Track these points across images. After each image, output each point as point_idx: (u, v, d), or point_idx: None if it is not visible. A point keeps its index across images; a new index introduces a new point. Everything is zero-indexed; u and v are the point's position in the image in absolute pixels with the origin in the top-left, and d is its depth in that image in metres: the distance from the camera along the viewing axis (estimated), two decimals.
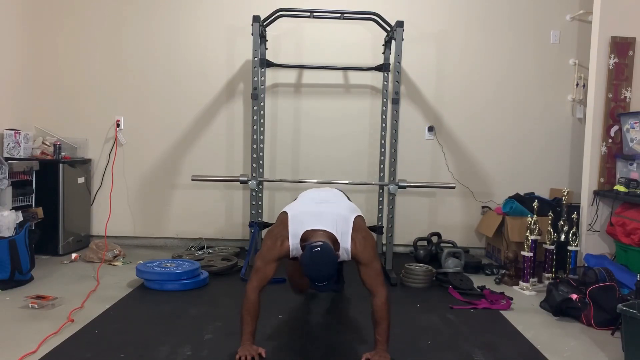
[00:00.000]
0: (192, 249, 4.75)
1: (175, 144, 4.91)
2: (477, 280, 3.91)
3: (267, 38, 4.59)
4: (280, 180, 4.59)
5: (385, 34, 4.52)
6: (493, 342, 2.85)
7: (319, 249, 2.42)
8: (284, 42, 4.81)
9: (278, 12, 4.27)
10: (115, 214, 4.83)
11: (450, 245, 4.58)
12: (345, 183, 4.30)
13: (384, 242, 4.34)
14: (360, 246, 2.62)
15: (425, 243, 4.71)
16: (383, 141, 4.71)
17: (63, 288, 3.53)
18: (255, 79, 4.23)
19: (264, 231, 4.73)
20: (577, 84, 4.86)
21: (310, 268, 2.41)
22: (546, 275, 4.02)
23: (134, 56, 4.86)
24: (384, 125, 4.69)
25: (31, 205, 4.28)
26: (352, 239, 2.61)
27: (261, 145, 4.42)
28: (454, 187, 4.42)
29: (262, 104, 4.45)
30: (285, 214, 2.70)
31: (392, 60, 4.28)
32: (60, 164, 4.40)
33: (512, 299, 3.52)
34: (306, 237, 2.57)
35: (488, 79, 4.91)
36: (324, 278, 2.42)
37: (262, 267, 2.62)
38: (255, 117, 4.26)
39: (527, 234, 3.92)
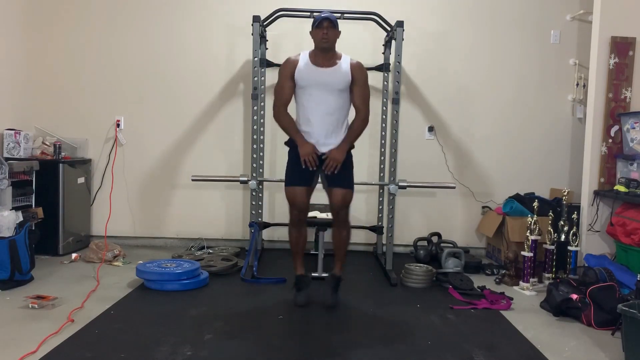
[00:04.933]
0: (192, 249, 4.74)
1: (175, 144, 4.91)
2: (477, 280, 3.91)
3: (267, 38, 4.59)
4: (280, 180, 4.57)
5: (385, 34, 4.52)
6: (493, 342, 2.85)
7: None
8: (284, 42, 4.81)
9: (278, 12, 4.27)
10: (115, 214, 4.83)
11: (451, 245, 4.57)
12: None
13: (384, 242, 4.34)
14: (358, 67, 3.21)
15: (425, 243, 4.71)
16: (383, 141, 4.71)
17: (63, 288, 3.52)
18: (255, 79, 4.23)
19: (265, 231, 4.74)
20: (577, 84, 4.86)
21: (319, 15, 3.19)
22: (546, 275, 4.02)
23: (134, 56, 4.85)
24: (384, 125, 4.70)
25: (31, 205, 4.27)
26: (352, 61, 3.23)
27: (261, 145, 4.42)
28: (454, 187, 4.43)
29: (262, 104, 4.44)
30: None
31: (392, 60, 4.28)
32: (60, 164, 4.40)
33: (512, 299, 3.52)
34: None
35: (488, 78, 4.90)
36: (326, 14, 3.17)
37: (280, 89, 3.25)
38: (255, 117, 4.26)
39: (527, 234, 3.92)
